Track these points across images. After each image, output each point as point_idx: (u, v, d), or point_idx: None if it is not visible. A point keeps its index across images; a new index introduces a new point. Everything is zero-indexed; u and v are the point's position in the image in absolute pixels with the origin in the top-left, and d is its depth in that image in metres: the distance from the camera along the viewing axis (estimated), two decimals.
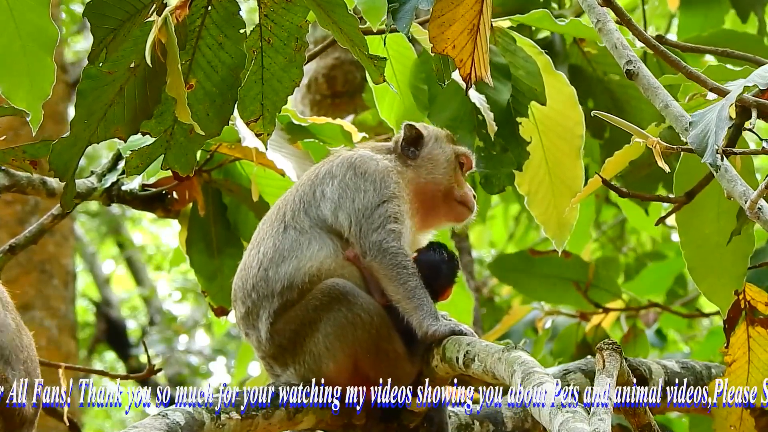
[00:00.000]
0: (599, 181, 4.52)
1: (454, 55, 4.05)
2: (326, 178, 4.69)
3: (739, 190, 3.55)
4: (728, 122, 3.53)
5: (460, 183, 4.78)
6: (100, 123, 4.23)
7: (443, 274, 4.66)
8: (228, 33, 4.24)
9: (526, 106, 5.12)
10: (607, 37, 3.90)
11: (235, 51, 4.25)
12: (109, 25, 4.08)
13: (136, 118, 4.25)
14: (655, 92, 3.78)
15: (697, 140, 3.59)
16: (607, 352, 3.75)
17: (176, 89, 4.07)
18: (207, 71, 4.27)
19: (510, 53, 5.05)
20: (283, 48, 4.29)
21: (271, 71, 4.31)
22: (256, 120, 4.33)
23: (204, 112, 4.27)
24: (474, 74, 4.08)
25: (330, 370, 4.52)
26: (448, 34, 4.03)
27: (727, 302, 4.49)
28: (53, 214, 5.66)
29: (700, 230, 4.65)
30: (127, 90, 4.22)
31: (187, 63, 4.23)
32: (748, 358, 4.48)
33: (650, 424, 3.86)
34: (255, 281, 4.62)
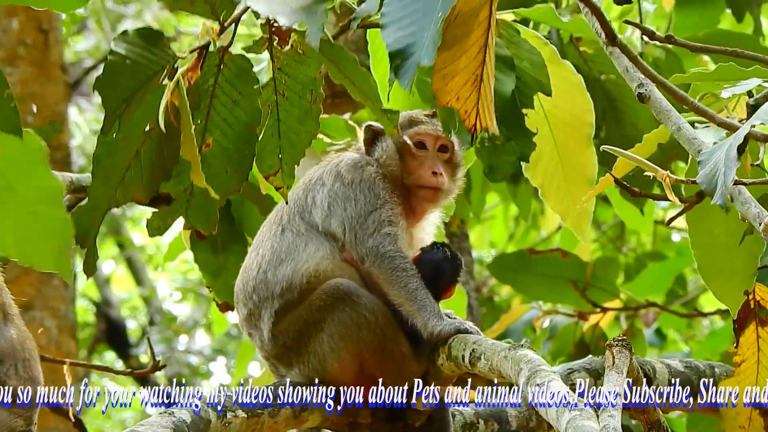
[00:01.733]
0: (610, 181, 4.52)
1: (458, 107, 4.06)
2: (317, 184, 4.71)
3: (753, 212, 3.59)
4: (737, 163, 3.55)
5: (415, 167, 4.71)
6: (118, 188, 4.25)
7: (446, 273, 4.66)
8: (242, 90, 4.27)
9: (531, 98, 5.11)
10: (618, 61, 3.93)
11: (250, 107, 4.27)
12: (120, 95, 4.09)
13: (154, 180, 4.27)
14: (668, 115, 3.81)
15: (706, 180, 3.62)
16: (616, 349, 3.76)
17: (190, 153, 4.10)
18: (223, 129, 4.30)
19: (514, 45, 5.05)
20: (298, 100, 4.31)
21: (288, 124, 4.33)
22: (275, 174, 4.36)
23: (222, 168, 4.30)
24: (479, 125, 4.09)
25: (335, 370, 4.54)
26: (451, 86, 4.03)
27: (737, 302, 4.49)
28: None
29: (711, 230, 4.65)
30: (144, 153, 4.23)
31: (203, 122, 4.26)
32: (758, 359, 4.48)
33: (659, 420, 3.86)
34: (255, 283, 4.64)
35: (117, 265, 18.40)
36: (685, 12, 7.46)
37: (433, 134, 4.75)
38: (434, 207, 4.81)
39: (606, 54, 5.89)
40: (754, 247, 4.62)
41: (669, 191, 3.89)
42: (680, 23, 7.44)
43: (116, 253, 17.78)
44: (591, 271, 7.65)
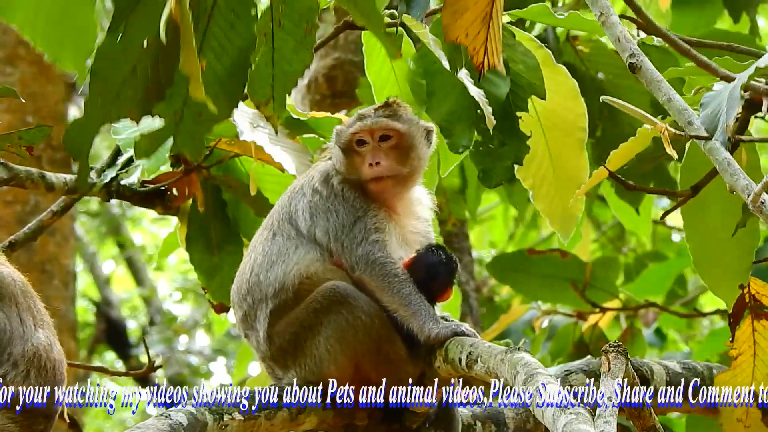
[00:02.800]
0: (605, 173, 4.50)
1: (467, 44, 4.03)
2: (299, 194, 4.71)
3: (742, 184, 3.54)
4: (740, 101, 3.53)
5: (357, 164, 4.66)
6: (113, 103, 4.22)
7: (441, 276, 4.63)
8: (239, 13, 4.21)
9: (525, 101, 5.10)
10: (611, 30, 3.88)
11: (246, 32, 4.21)
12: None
13: (147, 98, 4.23)
14: (658, 85, 3.76)
15: (707, 120, 3.59)
16: (612, 354, 3.74)
17: (190, 66, 4.04)
18: (217, 52, 4.24)
19: (509, 48, 5.04)
20: (293, 30, 4.26)
21: (282, 53, 4.28)
22: (266, 103, 4.32)
23: (214, 94, 4.24)
24: (487, 62, 4.06)
25: (331, 373, 4.53)
26: (461, 22, 4.01)
27: (732, 296, 4.48)
28: (53, 210, 5.65)
29: (706, 224, 4.65)
30: (140, 70, 4.19)
31: (198, 44, 4.21)
32: (754, 352, 4.48)
33: (655, 426, 3.85)
34: (249, 286, 4.65)
35: (117, 265, 18.41)
36: (682, 13, 7.46)
37: (367, 129, 4.68)
38: (397, 193, 4.72)
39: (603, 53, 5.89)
40: (749, 241, 4.62)
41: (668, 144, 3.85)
42: (677, 24, 7.43)
43: (116, 253, 17.79)
44: (590, 271, 7.64)
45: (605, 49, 6.17)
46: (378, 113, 4.71)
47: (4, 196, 9.51)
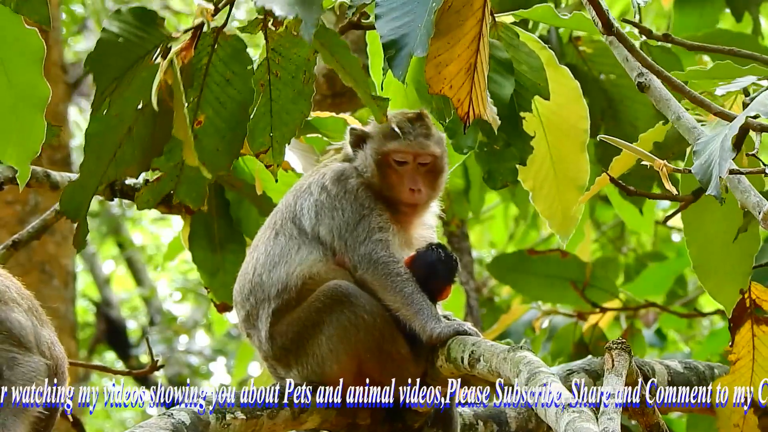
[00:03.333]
0: (607, 180, 4.52)
1: (451, 95, 4.05)
2: (305, 193, 4.71)
3: (753, 201, 3.58)
4: (731, 153, 3.55)
5: (394, 181, 4.67)
6: (110, 164, 4.27)
7: (440, 274, 4.64)
8: (235, 69, 4.28)
9: (529, 101, 5.11)
10: (618, 50, 3.92)
11: (243, 86, 4.27)
12: (111, 75, 4.12)
13: (146, 156, 4.29)
14: (667, 104, 3.80)
15: (701, 171, 3.61)
16: (616, 352, 3.75)
17: (182, 133, 4.11)
18: (215, 107, 4.30)
19: (513, 48, 5.04)
20: (291, 81, 4.31)
21: (280, 104, 4.33)
22: (265, 152, 4.36)
23: (214, 147, 4.31)
24: (472, 113, 4.08)
25: (333, 372, 4.54)
26: (444, 74, 4.03)
27: (732, 301, 4.48)
28: (56, 209, 5.66)
29: (706, 229, 4.65)
30: (136, 131, 4.25)
31: (196, 100, 4.27)
32: (753, 357, 4.48)
33: (659, 423, 3.86)
34: (251, 286, 4.66)
35: (117, 265, 18.40)
36: (684, 12, 7.46)
37: (412, 152, 4.69)
38: (417, 217, 4.78)
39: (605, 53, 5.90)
40: (749, 246, 4.62)
41: (666, 180, 3.88)
42: (679, 23, 7.44)
43: (116, 253, 17.78)
44: (591, 271, 7.65)
45: (607, 50, 6.15)
46: (417, 130, 4.71)
47: (4, 196, 9.51)
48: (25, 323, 4.55)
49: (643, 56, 3.97)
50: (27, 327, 4.54)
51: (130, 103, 4.19)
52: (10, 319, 4.51)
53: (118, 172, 4.29)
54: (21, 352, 4.49)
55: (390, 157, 4.68)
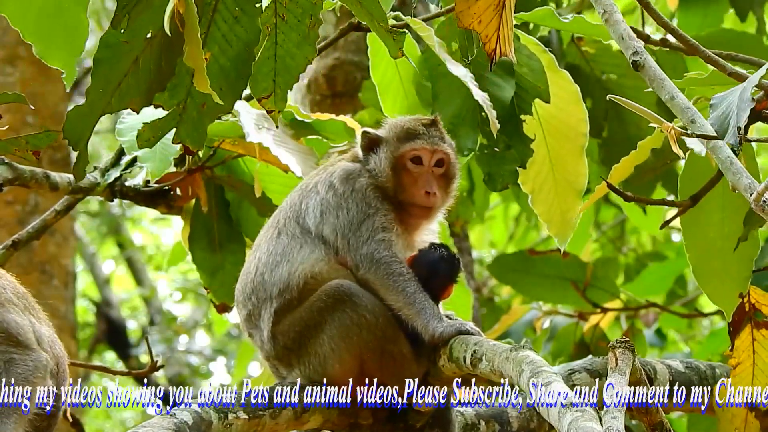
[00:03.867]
0: (605, 188, 4.52)
1: (480, 30, 4.03)
2: (312, 192, 4.71)
3: (745, 183, 3.53)
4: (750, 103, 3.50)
5: (408, 184, 4.68)
6: (115, 93, 4.22)
7: (441, 273, 4.64)
8: (244, 7, 4.22)
9: (529, 104, 5.11)
10: (614, 27, 3.87)
11: (251, 26, 4.22)
12: None
13: (150, 89, 4.24)
14: (661, 84, 3.76)
15: (718, 122, 3.57)
16: (619, 350, 3.74)
17: (195, 59, 4.05)
18: (222, 45, 4.25)
19: (514, 50, 5.05)
20: (297, 25, 4.26)
21: (285, 48, 4.28)
22: (267, 96, 4.32)
23: (217, 86, 4.25)
24: (499, 50, 4.06)
25: (335, 371, 4.53)
26: (474, 9, 4.01)
27: (732, 305, 4.48)
28: (56, 209, 5.67)
29: (705, 234, 4.65)
30: (143, 61, 4.20)
31: (203, 36, 4.21)
32: (753, 361, 4.48)
33: (662, 422, 3.86)
34: (253, 285, 4.65)
35: (117, 265, 18.40)
36: (688, 12, 7.47)
37: (429, 149, 4.71)
38: (428, 222, 4.79)
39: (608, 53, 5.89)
40: (749, 250, 4.62)
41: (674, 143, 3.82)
42: (684, 23, 7.44)
43: (116, 253, 17.79)
44: (591, 271, 7.65)
45: (610, 50, 6.18)
46: (432, 132, 4.73)
47: (4, 197, 9.51)
48: (22, 322, 4.55)
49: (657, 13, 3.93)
50: (24, 326, 4.53)
51: (140, 31, 4.15)
52: (7, 320, 4.51)
53: (121, 103, 4.24)
54: (19, 352, 4.48)
55: (406, 158, 4.69)
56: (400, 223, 4.69)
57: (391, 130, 4.76)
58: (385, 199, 4.67)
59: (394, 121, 4.83)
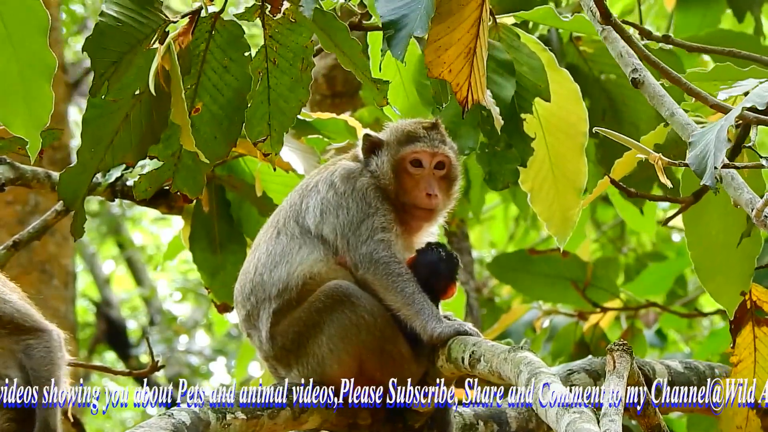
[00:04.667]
0: (608, 183, 4.52)
1: (451, 80, 4.06)
2: (312, 191, 4.71)
3: (746, 198, 3.56)
4: (727, 144, 3.54)
5: (410, 186, 4.69)
6: (107, 150, 4.26)
7: (442, 273, 4.65)
8: (233, 56, 4.27)
9: (530, 103, 5.12)
10: (613, 45, 3.91)
11: (241, 73, 4.27)
12: (109, 58, 4.10)
13: (143, 143, 4.28)
14: (661, 100, 3.78)
15: (696, 161, 3.60)
16: (617, 353, 3.75)
17: (180, 117, 4.11)
18: (213, 94, 4.30)
19: (514, 49, 5.05)
20: (289, 68, 4.31)
21: (278, 91, 4.33)
22: (264, 140, 4.36)
23: (211, 134, 4.30)
24: (471, 98, 4.09)
25: (334, 372, 4.53)
26: (444, 58, 4.04)
27: (734, 303, 4.49)
28: (56, 210, 5.67)
29: (707, 231, 4.65)
30: (133, 117, 4.24)
31: (193, 87, 4.26)
32: (754, 359, 4.48)
33: (660, 424, 3.86)
34: (252, 286, 4.65)
35: (117, 265, 18.40)
36: (686, 12, 7.47)
37: (429, 152, 4.71)
38: (429, 224, 4.79)
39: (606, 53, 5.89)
40: (751, 248, 4.62)
41: (661, 173, 3.87)
42: (681, 23, 7.44)
43: (116, 253, 17.78)
44: (591, 271, 7.65)
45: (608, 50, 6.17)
46: (433, 135, 4.73)
47: (4, 197, 9.51)
48: (22, 305, 4.57)
49: (640, 47, 3.96)
50: (27, 309, 4.56)
51: (127, 89, 4.18)
52: (11, 310, 4.52)
53: (115, 158, 4.28)
54: (33, 337, 4.50)
55: (406, 161, 4.70)
56: (402, 225, 4.70)
57: (392, 134, 4.77)
58: (386, 199, 4.67)
59: (395, 124, 4.83)
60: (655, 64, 3.94)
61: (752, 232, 4.55)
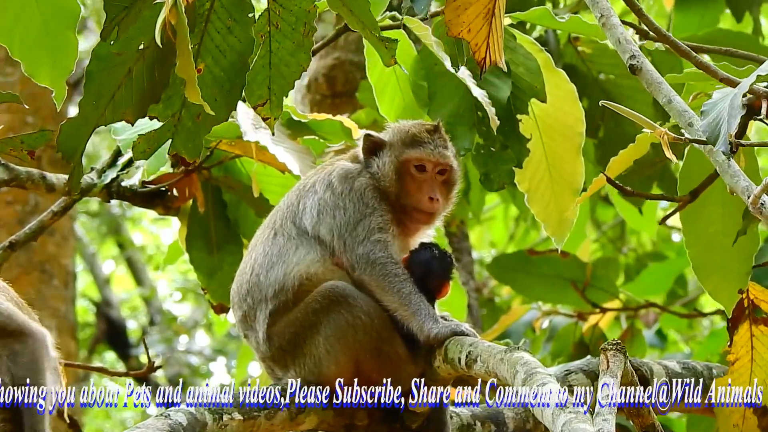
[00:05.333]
0: (603, 181, 4.51)
1: (470, 39, 4.05)
2: (309, 191, 4.71)
3: (742, 186, 3.53)
4: (741, 111, 3.50)
5: (412, 189, 4.69)
6: (108, 105, 4.23)
7: (435, 271, 4.64)
8: (237, 17, 4.23)
9: (526, 103, 5.12)
10: (611, 31, 3.88)
11: (244, 35, 4.23)
12: (122, 2, 4.07)
13: (144, 101, 4.24)
14: (659, 87, 3.76)
15: (709, 129, 3.57)
16: (611, 353, 3.75)
17: (186, 70, 4.05)
18: (215, 55, 4.26)
19: (510, 50, 5.05)
20: (291, 33, 4.27)
21: (279, 56, 4.29)
22: (263, 104, 4.32)
23: (212, 96, 4.26)
24: (489, 58, 4.07)
25: (331, 372, 4.53)
26: (463, 17, 4.02)
27: (732, 301, 4.48)
28: (53, 210, 5.67)
29: (705, 229, 4.65)
30: (136, 72, 4.20)
31: (196, 47, 4.21)
32: (751, 357, 4.48)
33: (654, 424, 3.86)
34: (249, 286, 4.65)
35: (117, 265, 18.41)
36: (685, 12, 7.47)
37: (434, 160, 4.70)
38: (427, 227, 4.79)
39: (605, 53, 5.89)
40: (749, 246, 4.62)
41: (667, 148, 3.84)
42: (680, 23, 7.44)
43: (116, 253, 17.79)
44: (591, 271, 7.65)
45: (607, 50, 6.18)
46: (436, 141, 4.72)
47: (4, 197, 9.51)
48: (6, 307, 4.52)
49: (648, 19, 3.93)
50: (10, 309, 4.51)
51: (132, 42, 4.15)
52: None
53: (115, 114, 4.25)
54: (17, 341, 4.47)
55: (410, 164, 4.69)
56: (400, 227, 4.69)
57: (395, 135, 4.77)
58: (384, 200, 4.67)
59: (397, 126, 4.82)
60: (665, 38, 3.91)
61: (750, 230, 4.54)
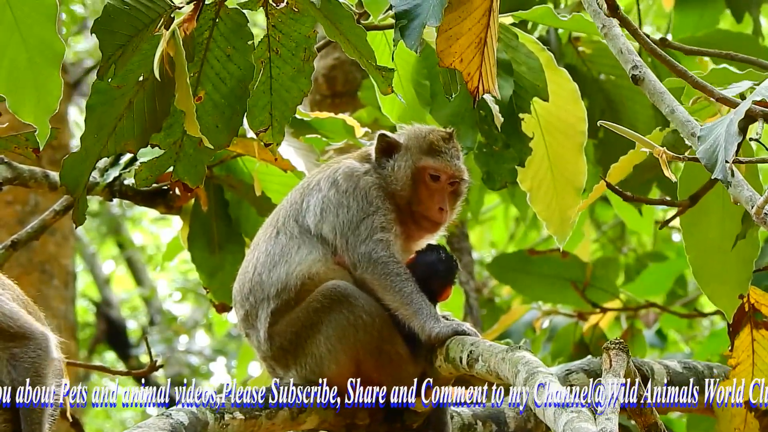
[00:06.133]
0: (604, 187, 4.52)
1: (462, 69, 4.06)
2: (314, 189, 4.71)
3: (746, 195, 3.54)
4: (738, 137, 3.51)
5: (424, 197, 4.69)
6: (110, 137, 4.26)
7: (440, 274, 4.65)
8: (236, 45, 4.26)
9: (528, 102, 5.12)
10: (613, 42, 3.89)
11: (244, 62, 4.26)
12: (117, 41, 4.09)
13: (145, 131, 4.28)
14: (661, 97, 3.77)
15: (706, 155, 3.58)
16: (614, 352, 3.75)
17: (185, 103, 4.09)
18: (215, 83, 4.29)
19: (512, 49, 5.05)
20: (291, 58, 4.30)
21: (280, 81, 4.32)
22: (265, 130, 4.36)
23: (213, 123, 4.30)
24: (482, 87, 4.09)
25: (332, 372, 4.53)
26: (455, 47, 4.04)
27: (732, 306, 4.48)
28: (55, 210, 5.67)
29: (705, 234, 4.65)
30: (137, 103, 4.24)
31: (196, 75, 4.26)
32: (752, 361, 4.48)
33: (656, 423, 3.86)
34: (251, 285, 4.65)
35: (117, 265, 18.41)
36: (684, 12, 7.47)
37: (449, 172, 4.71)
38: (432, 236, 4.80)
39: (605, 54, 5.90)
40: (749, 251, 4.62)
41: (665, 167, 3.85)
42: (680, 23, 7.44)
43: (116, 253, 17.79)
44: (591, 271, 7.65)
45: (607, 51, 6.16)
46: (451, 151, 4.74)
47: (4, 196, 9.51)
48: (10, 308, 4.50)
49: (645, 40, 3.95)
50: (14, 311, 4.50)
51: (131, 75, 4.19)
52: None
53: (117, 145, 4.28)
54: (18, 345, 4.46)
55: (426, 171, 4.70)
56: (403, 228, 4.69)
57: (410, 139, 4.77)
58: (388, 199, 4.67)
59: (413, 129, 4.82)
60: (660, 57, 3.93)
61: (749, 234, 4.54)
